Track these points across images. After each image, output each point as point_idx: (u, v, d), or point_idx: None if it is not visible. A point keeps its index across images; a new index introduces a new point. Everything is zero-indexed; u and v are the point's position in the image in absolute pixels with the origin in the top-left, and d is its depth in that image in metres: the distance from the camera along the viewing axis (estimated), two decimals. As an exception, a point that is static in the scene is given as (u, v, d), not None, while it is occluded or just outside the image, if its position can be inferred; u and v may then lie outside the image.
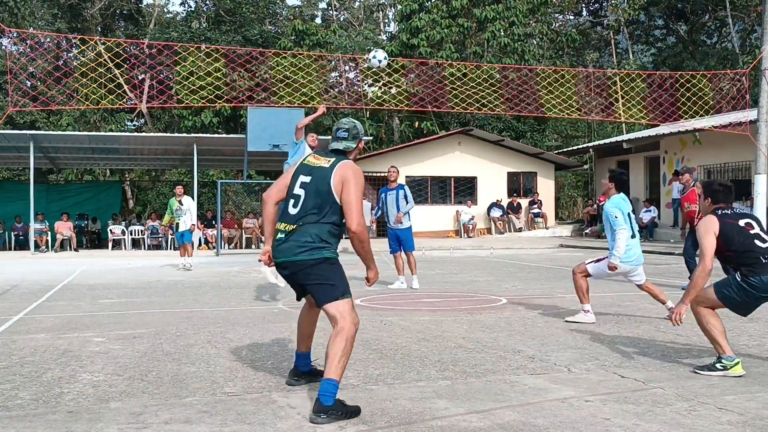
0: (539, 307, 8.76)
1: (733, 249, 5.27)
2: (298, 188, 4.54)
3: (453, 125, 31.95)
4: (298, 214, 4.48)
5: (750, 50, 35.98)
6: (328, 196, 4.43)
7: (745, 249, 5.27)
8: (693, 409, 4.29)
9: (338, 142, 4.65)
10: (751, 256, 5.25)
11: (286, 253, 4.47)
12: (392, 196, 11.46)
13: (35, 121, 33.13)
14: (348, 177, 4.42)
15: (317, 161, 4.58)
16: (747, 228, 5.34)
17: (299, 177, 4.57)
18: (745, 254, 5.27)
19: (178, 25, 39.69)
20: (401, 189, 11.50)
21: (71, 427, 4.01)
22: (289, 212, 4.53)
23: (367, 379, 5.07)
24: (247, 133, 20.62)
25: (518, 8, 33.52)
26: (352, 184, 4.41)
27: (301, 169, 4.61)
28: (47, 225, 23.14)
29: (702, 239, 5.34)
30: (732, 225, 5.35)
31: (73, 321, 7.93)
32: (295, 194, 4.54)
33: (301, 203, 4.48)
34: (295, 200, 4.52)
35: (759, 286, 5.20)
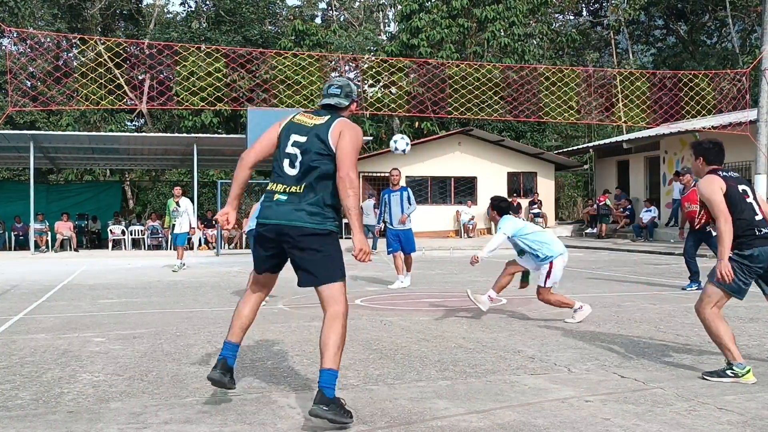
0: (539, 307, 8.76)
1: (734, 216, 5.07)
2: (290, 147, 4.20)
3: (453, 125, 31.95)
4: (299, 176, 4.17)
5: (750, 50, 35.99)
6: (328, 154, 4.14)
7: (744, 218, 5.11)
8: (693, 409, 4.29)
9: (330, 98, 4.36)
10: (747, 227, 5.09)
11: (287, 217, 4.12)
12: (396, 197, 11.57)
13: (35, 121, 33.14)
14: (345, 130, 4.16)
15: (311, 119, 4.28)
16: (744, 196, 5.21)
17: (291, 136, 4.23)
18: (743, 224, 5.09)
19: (178, 25, 39.69)
20: (405, 191, 11.63)
21: (71, 427, 4.01)
22: (287, 173, 4.20)
23: (367, 379, 5.07)
24: (247, 134, 20.61)
25: (518, 8, 33.51)
26: (348, 135, 4.15)
27: (293, 128, 4.26)
28: (47, 225, 23.14)
29: (712, 194, 5.08)
30: (735, 188, 5.19)
31: (73, 321, 7.93)
32: (289, 153, 4.20)
33: (300, 164, 4.17)
34: (291, 160, 4.19)
35: (755, 256, 5.06)
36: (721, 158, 5.41)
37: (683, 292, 10.36)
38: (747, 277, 5.13)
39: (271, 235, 4.20)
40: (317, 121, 4.25)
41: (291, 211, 4.12)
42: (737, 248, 5.07)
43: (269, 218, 4.19)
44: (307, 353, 5.97)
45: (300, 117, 4.33)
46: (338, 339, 4.09)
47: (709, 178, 5.21)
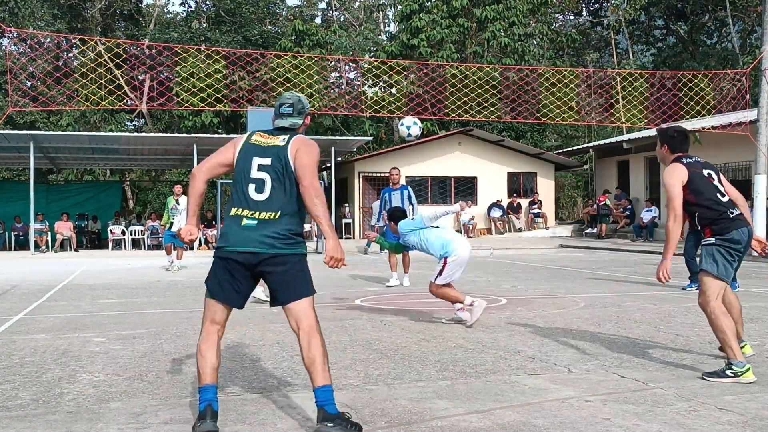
0: (539, 308, 8.76)
1: (702, 202, 5.14)
2: (256, 171, 4.09)
3: (453, 125, 31.96)
4: (269, 202, 4.05)
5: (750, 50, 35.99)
6: (293, 176, 4.06)
7: (712, 199, 5.18)
8: (693, 409, 4.29)
9: (283, 119, 4.24)
10: (717, 211, 5.16)
11: (261, 244, 4.00)
12: (397, 195, 11.70)
13: (35, 121, 33.15)
14: (301, 147, 4.08)
15: (268, 140, 4.17)
16: (709, 179, 5.25)
17: (253, 158, 4.11)
18: (712, 209, 5.16)
19: (178, 26, 39.70)
20: (405, 189, 11.76)
21: (71, 428, 4.01)
22: (254, 198, 4.07)
23: (367, 380, 5.07)
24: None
25: (518, 8, 33.52)
26: (305, 150, 4.08)
27: (253, 150, 4.14)
28: (47, 225, 23.15)
29: (671, 187, 5.14)
30: (698, 174, 5.24)
31: (73, 321, 7.93)
32: (255, 178, 4.08)
33: (270, 189, 4.06)
34: (257, 185, 4.08)
35: (737, 239, 5.14)
36: (686, 146, 5.47)
37: (683, 292, 10.36)
38: (732, 260, 5.20)
39: (244, 261, 4.04)
40: (277, 141, 4.15)
41: (265, 237, 4.01)
42: (718, 233, 5.14)
43: (241, 245, 4.03)
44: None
45: (257, 137, 4.21)
46: (322, 353, 3.99)
47: (672, 167, 5.26)
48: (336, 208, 26.03)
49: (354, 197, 27.59)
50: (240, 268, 4.06)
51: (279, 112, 4.26)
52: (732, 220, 5.17)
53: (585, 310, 8.49)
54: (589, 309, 8.60)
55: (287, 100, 4.27)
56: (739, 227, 5.17)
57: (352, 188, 27.78)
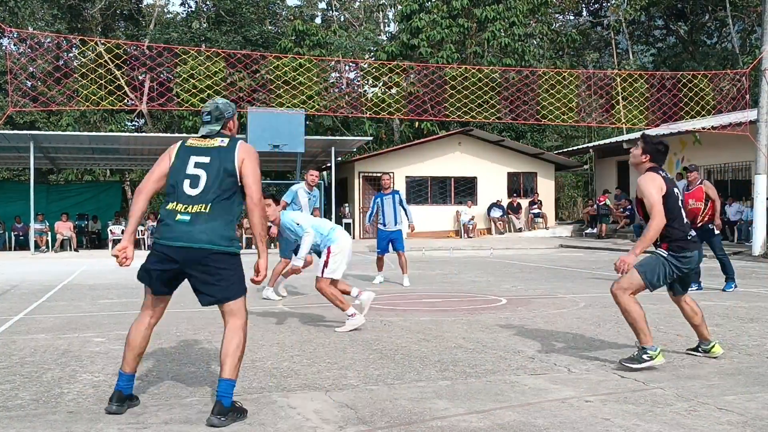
0: (539, 308, 8.76)
1: (670, 218, 5.32)
2: (193, 168, 4.22)
3: (453, 125, 31.97)
4: (202, 196, 4.17)
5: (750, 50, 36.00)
6: (234, 177, 4.20)
7: (678, 221, 5.41)
8: (693, 409, 4.29)
9: (203, 126, 4.40)
10: (679, 229, 5.40)
11: (195, 238, 4.11)
12: (389, 200, 12.15)
13: (35, 121, 33.15)
14: (247, 157, 4.22)
15: (208, 142, 4.30)
16: (678, 199, 5.47)
17: (191, 158, 4.25)
18: (676, 227, 5.38)
19: (179, 26, 39.70)
20: (396, 194, 12.24)
21: (71, 428, 4.01)
22: (188, 193, 4.19)
23: (367, 380, 5.07)
24: (248, 134, 20.63)
25: (518, 8, 33.52)
26: (250, 162, 4.22)
27: (190, 151, 4.29)
28: (47, 225, 23.15)
29: (655, 194, 5.29)
30: (672, 191, 5.44)
31: (73, 321, 7.93)
32: (191, 174, 4.21)
33: (204, 183, 4.18)
34: (192, 180, 4.20)
35: (689, 258, 5.40)
36: (664, 161, 5.66)
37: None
38: (669, 276, 5.45)
39: (176, 256, 4.16)
40: (218, 143, 4.28)
41: (199, 232, 4.12)
42: (674, 251, 5.37)
43: (174, 240, 4.15)
44: (307, 353, 5.98)
45: (193, 141, 4.36)
46: (239, 350, 4.21)
47: (653, 176, 5.41)
48: (336, 208, 26.04)
49: (354, 197, 27.59)
50: (171, 260, 4.19)
51: (203, 121, 4.41)
52: (690, 242, 5.45)
53: (585, 310, 8.49)
54: (589, 309, 8.60)
55: (206, 108, 4.40)
56: (695, 249, 5.47)
57: (352, 188, 27.78)
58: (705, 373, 5.21)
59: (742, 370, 5.31)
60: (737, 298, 9.53)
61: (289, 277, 9.97)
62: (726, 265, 10.42)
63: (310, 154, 26.12)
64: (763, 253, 17.40)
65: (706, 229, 10.40)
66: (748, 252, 17.47)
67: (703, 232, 10.48)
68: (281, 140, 20.41)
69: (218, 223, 4.16)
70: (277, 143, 20.41)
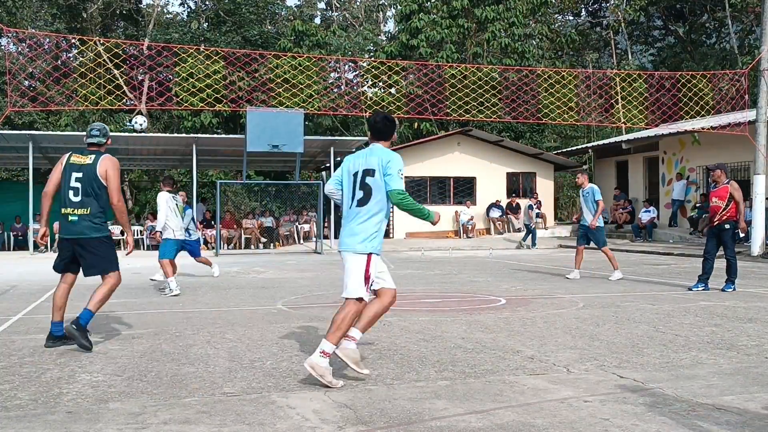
0: (538, 308, 8.76)
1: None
2: (74, 182, 6.16)
3: (452, 126, 31.98)
4: (82, 202, 6.15)
5: (749, 51, 36.01)
6: (97, 184, 6.15)
7: None
8: (692, 409, 4.29)
9: (92, 137, 6.38)
10: None
11: (80, 232, 6.17)
12: None
13: (34, 121, 33.13)
14: (108, 167, 6.19)
15: (82, 159, 6.22)
16: None
17: (72, 173, 6.18)
18: None
19: (178, 26, 39.68)
20: None
21: (70, 428, 4.01)
22: (73, 200, 6.17)
23: (366, 380, 5.06)
24: (247, 134, 20.64)
25: (518, 9, 33.53)
26: (112, 172, 6.20)
27: (72, 168, 6.21)
28: (46, 225, 23.11)
29: None
30: None
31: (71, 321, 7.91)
32: (73, 186, 6.16)
33: (81, 192, 6.14)
34: (74, 191, 6.16)
35: None
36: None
37: (682, 292, 10.37)
38: None
39: (73, 246, 6.23)
40: (88, 160, 6.21)
41: (83, 228, 6.18)
42: None
43: (70, 233, 6.22)
44: (307, 353, 5.97)
45: (74, 158, 6.25)
46: (102, 295, 6.23)
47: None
48: (335, 209, 26.05)
49: (353, 197, 27.58)
50: (67, 248, 6.29)
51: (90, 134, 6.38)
52: None
53: (584, 311, 8.50)
54: (588, 309, 8.61)
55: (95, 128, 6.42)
56: None
57: (352, 188, 27.77)
58: (704, 373, 5.22)
59: (740, 370, 5.31)
60: (736, 298, 9.54)
61: None
62: (732, 267, 10.43)
63: (309, 154, 26.12)
64: (762, 253, 17.41)
65: (722, 228, 10.41)
66: (747, 252, 17.49)
67: (718, 231, 10.49)
68: (280, 140, 20.41)
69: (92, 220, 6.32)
70: (276, 143, 20.40)
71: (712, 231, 10.59)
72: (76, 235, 6.18)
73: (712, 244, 10.60)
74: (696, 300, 9.41)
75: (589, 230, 12.57)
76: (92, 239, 6.18)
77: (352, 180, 5.14)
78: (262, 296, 10.23)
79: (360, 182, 5.06)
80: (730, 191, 10.33)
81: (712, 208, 10.62)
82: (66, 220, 6.21)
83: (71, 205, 6.18)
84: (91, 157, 6.23)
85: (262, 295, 10.34)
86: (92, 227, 6.18)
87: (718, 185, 10.58)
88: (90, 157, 6.24)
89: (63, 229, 6.25)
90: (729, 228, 10.38)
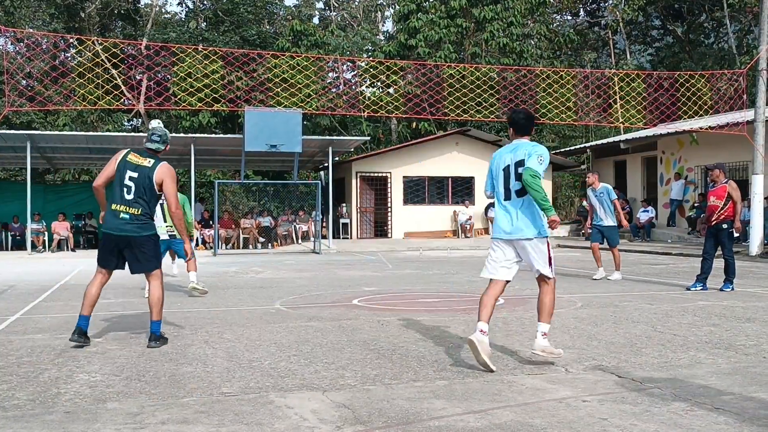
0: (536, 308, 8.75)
1: None
2: (128, 180, 6.15)
3: (450, 125, 31.98)
4: (134, 200, 6.15)
5: (747, 50, 36.04)
6: (149, 189, 6.17)
7: None
8: (690, 409, 4.29)
9: (152, 143, 6.38)
10: None
11: (131, 230, 6.16)
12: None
13: (32, 121, 33.10)
14: (166, 176, 6.21)
15: (140, 160, 6.21)
16: None
17: (127, 171, 6.17)
18: None
19: (176, 26, 39.64)
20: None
21: (68, 428, 4.00)
22: (126, 197, 6.16)
23: (365, 379, 5.06)
24: (245, 134, 20.62)
25: (516, 8, 33.53)
26: (169, 181, 6.23)
27: (128, 165, 6.19)
28: (44, 225, 23.10)
29: None
30: None
31: (70, 321, 7.90)
32: (127, 184, 6.15)
33: (134, 192, 6.15)
34: (127, 189, 6.15)
35: None
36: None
37: (680, 291, 10.37)
38: None
39: (116, 241, 6.22)
40: (145, 163, 6.21)
41: (133, 226, 6.17)
42: None
43: (122, 230, 6.18)
44: (305, 353, 5.97)
45: (132, 157, 6.23)
46: (159, 297, 6.36)
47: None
48: (333, 209, 26.03)
49: (351, 197, 27.59)
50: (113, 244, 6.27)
51: (150, 139, 6.39)
52: None
53: (582, 310, 8.50)
54: (586, 309, 8.61)
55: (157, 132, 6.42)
56: None
57: (350, 188, 27.78)
58: (702, 372, 5.22)
59: (739, 369, 5.31)
60: (734, 298, 9.54)
61: None
62: (730, 266, 10.43)
63: (308, 154, 26.11)
64: (760, 252, 17.43)
65: (719, 228, 10.41)
66: (745, 252, 17.50)
67: (716, 230, 10.49)
68: (278, 140, 20.40)
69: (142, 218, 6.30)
70: (275, 143, 20.39)
71: (710, 231, 10.60)
72: (126, 233, 6.17)
73: (711, 243, 10.59)
74: (694, 300, 9.41)
75: (606, 229, 12.58)
76: (141, 237, 6.21)
77: (503, 175, 5.60)
78: (260, 296, 10.23)
79: (515, 174, 5.48)
80: (728, 191, 10.32)
81: (709, 207, 10.62)
82: (116, 216, 6.17)
83: (123, 203, 6.16)
84: (150, 161, 6.22)
85: (261, 295, 10.33)
86: (141, 226, 6.21)
87: (716, 185, 10.57)
88: (149, 160, 6.23)
89: (111, 225, 6.20)
90: (726, 228, 10.38)
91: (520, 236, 5.61)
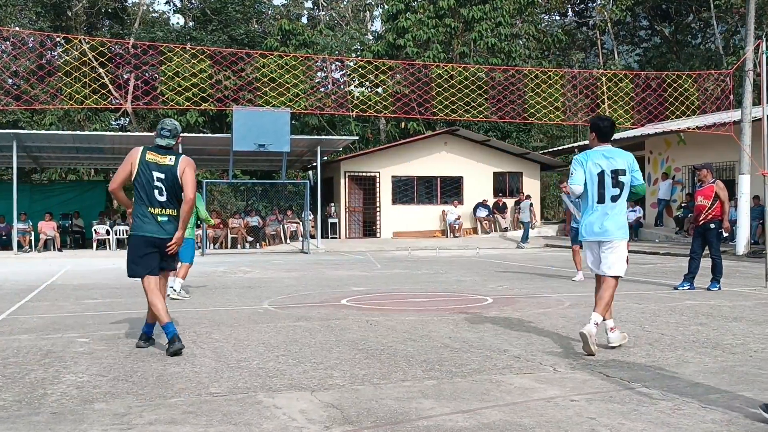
0: (525, 307, 8.78)
1: None
2: (156, 182, 5.99)
3: (439, 125, 32.01)
4: (167, 201, 6.04)
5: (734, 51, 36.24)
6: (178, 186, 6.06)
7: None
8: (678, 407, 4.30)
9: (162, 139, 6.15)
10: None
11: (172, 232, 6.05)
12: None
13: (18, 120, 32.88)
14: (187, 166, 6.08)
15: (162, 159, 6.04)
16: None
17: (152, 172, 5.98)
18: None
19: (164, 25, 39.47)
20: None
21: (55, 429, 3.97)
22: (159, 199, 6.01)
23: (353, 379, 5.05)
24: (233, 133, 20.57)
25: (505, 8, 33.59)
26: (189, 170, 6.09)
27: (151, 166, 6.00)
28: (30, 225, 22.96)
29: None
30: None
31: (56, 321, 7.86)
32: (156, 186, 5.99)
33: (166, 193, 6.02)
34: (158, 190, 6.00)
35: None
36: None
37: (668, 291, 10.41)
38: None
39: (157, 244, 6.03)
40: (168, 161, 6.05)
41: (173, 228, 6.07)
42: None
43: (158, 233, 6.01)
44: (293, 353, 5.96)
45: (150, 156, 6.03)
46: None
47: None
48: (322, 208, 26.00)
49: (340, 197, 27.57)
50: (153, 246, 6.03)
51: (160, 135, 6.14)
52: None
53: (570, 310, 8.52)
54: (574, 308, 8.64)
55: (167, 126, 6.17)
56: None
57: (338, 188, 27.76)
58: (689, 371, 5.24)
59: (726, 368, 5.33)
60: (721, 297, 9.59)
61: None
62: (717, 266, 10.48)
63: (296, 154, 26.07)
64: (747, 252, 17.53)
65: (707, 227, 10.45)
66: (732, 251, 17.60)
67: (704, 230, 10.53)
68: (267, 139, 20.36)
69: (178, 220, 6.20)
70: (263, 142, 20.36)
71: (698, 230, 10.65)
72: (168, 234, 6.04)
73: (698, 243, 10.65)
74: (682, 299, 9.46)
75: None
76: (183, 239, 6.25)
77: (597, 180, 6.08)
78: (248, 296, 10.20)
79: (613, 180, 6.02)
80: (716, 190, 10.37)
81: (697, 207, 10.67)
82: (154, 220, 6.00)
83: (159, 205, 6.02)
84: (171, 158, 6.07)
85: (249, 295, 10.30)
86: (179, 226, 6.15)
87: (703, 184, 10.62)
88: (169, 158, 6.07)
89: (151, 229, 5.98)
90: (714, 227, 10.43)
91: (608, 237, 6.15)
